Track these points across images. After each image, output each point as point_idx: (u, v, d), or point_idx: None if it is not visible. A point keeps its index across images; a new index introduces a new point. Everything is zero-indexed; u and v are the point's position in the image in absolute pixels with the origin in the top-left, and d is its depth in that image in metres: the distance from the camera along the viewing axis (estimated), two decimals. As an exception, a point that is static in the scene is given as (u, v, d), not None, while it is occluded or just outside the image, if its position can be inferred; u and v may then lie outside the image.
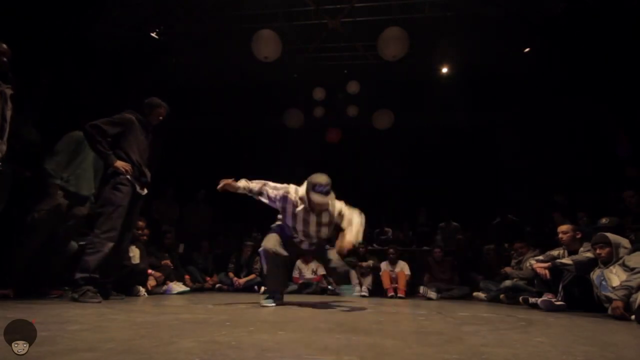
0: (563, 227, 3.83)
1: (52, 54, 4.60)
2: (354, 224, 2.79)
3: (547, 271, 3.66)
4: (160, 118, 3.33)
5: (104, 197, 2.98)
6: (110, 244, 2.91)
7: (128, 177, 2.98)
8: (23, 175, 3.25)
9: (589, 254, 3.39)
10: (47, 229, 3.14)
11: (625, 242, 3.22)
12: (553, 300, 3.45)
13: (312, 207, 2.81)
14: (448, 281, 5.57)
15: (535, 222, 5.99)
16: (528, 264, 4.23)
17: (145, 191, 3.27)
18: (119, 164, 2.97)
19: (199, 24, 6.17)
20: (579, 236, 3.74)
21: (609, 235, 3.24)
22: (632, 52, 5.06)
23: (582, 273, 3.38)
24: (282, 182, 3.02)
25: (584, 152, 6.22)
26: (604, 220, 3.93)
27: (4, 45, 2.67)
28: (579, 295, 3.40)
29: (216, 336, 1.45)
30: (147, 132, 3.29)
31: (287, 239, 2.98)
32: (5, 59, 2.65)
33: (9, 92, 2.69)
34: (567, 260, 3.54)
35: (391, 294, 5.15)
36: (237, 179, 2.93)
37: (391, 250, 5.70)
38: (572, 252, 3.69)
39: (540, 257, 3.92)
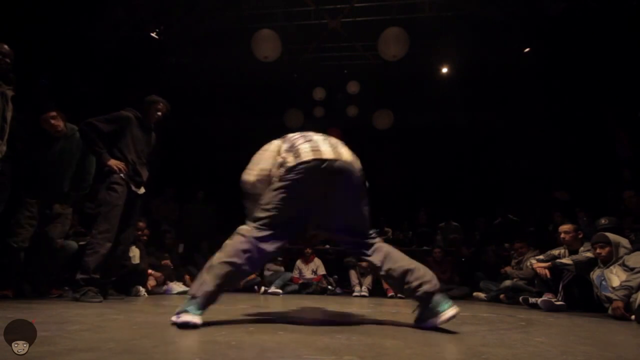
0: (565, 227, 3.83)
1: (52, 54, 4.60)
2: None
3: (547, 271, 3.66)
4: (159, 114, 3.27)
5: (100, 197, 2.98)
6: (108, 244, 2.91)
7: (122, 175, 2.96)
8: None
9: (589, 254, 3.39)
10: (28, 229, 3.05)
11: (625, 241, 3.23)
12: (553, 300, 3.45)
13: None
14: (448, 281, 5.56)
15: (536, 221, 5.98)
16: (528, 264, 4.23)
17: (143, 190, 3.22)
18: (112, 162, 2.95)
19: (199, 24, 6.18)
20: (580, 236, 3.75)
21: (609, 234, 3.24)
22: (632, 52, 5.06)
23: (582, 273, 3.38)
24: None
25: (584, 152, 6.22)
26: (603, 221, 3.93)
27: (6, 47, 2.67)
28: (579, 295, 3.40)
29: (216, 336, 1.45)
30: (146, 130, 3.25)
31: None
32: (8, 60, 2.66)
33: (9, 93, 2.69)
34: (567, 260, 3.54)
35: (391, 294, 5.15)
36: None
37: (391, 250, 5.69)
38: (573, 251, 3.69)
39: (541, 257, 3.92)
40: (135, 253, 4.15)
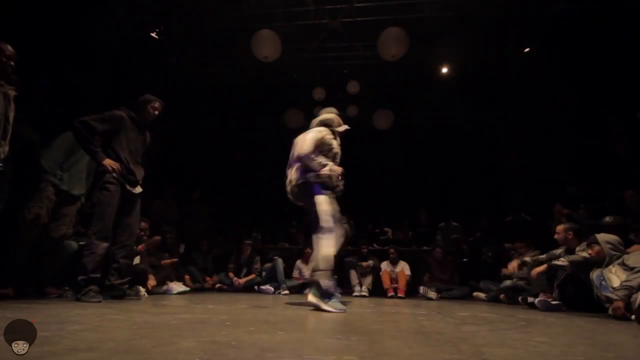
0: (559, 227, 3.90)
1: (52, 54, 4.60)
2: None
3: (540, 274, 3.72)
4: (156, 113, 3.27)
5: (94, 198, 3.03)
6: (104, 244, 2.94)
7: (115, 175, 2.97)
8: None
9: (585, 254, 3.41)
10: (38, 226, 3.11)
11: (614, 239, 3.21)
12: (549, 299, 3.46)
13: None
14: (448, 281, 5.56)
15: (536, 222, 5.98)
16: (523, 262, 4.27)
17: (139, 189, 3.22)
18: (107, 162, 2.97)
19: (199, 24, 6.17)
20: (570, 236, 3.77)
21: (598, 235, 3.28)
22: (633, 52, 5.06)
23: (579, 272, 3.38)
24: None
25: (584, 152, 6.22)
26: (607, 219, 3.93)
27: (10, 49, 2.68)
28: (573, 294, 3.42)
29: (216, 336, 1.45)
30: (141, 129, 3.25)
31: None
32: (12, 63, 2.67)
33: (12, 93, 2.69)
34: (563, 261, 3.55)
35: (391, 294, 5.16)
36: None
37: (392, 250, 5.70)
38: (571, 251, 3.72)
39: (543, 257, 3.94)
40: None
